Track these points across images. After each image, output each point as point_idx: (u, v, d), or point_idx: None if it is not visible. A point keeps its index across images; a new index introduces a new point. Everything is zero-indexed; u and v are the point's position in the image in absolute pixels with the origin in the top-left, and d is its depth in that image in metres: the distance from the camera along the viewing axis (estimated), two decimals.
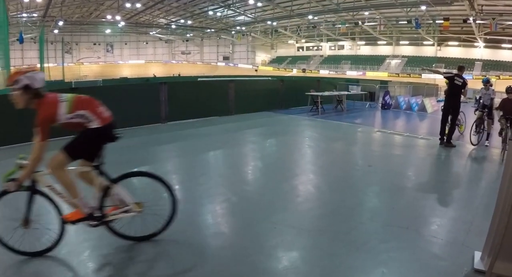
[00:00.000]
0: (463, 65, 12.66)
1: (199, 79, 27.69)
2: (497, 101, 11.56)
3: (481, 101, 11.75)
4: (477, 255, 4.22)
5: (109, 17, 63.72)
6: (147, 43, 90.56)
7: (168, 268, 3.95)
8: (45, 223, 4.29)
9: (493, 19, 44.74)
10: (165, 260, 4.08)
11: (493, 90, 11.96)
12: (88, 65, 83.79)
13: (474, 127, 11.35)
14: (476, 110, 11.80)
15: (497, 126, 10.64)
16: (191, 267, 3.98)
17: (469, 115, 13.70)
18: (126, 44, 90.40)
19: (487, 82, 12.06)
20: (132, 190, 4.56)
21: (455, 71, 11.72)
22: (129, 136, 10.82)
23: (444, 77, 11.99)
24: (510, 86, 10.36)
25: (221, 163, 8.75)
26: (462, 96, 11.65)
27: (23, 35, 46.96)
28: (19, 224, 4.01)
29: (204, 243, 4.48)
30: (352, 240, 4.62)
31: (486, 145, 11.01)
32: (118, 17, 62.36)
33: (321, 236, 4.73)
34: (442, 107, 11.84)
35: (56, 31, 68.26)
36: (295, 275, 3.90)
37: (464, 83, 11.25)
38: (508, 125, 9.70)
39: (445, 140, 11.03)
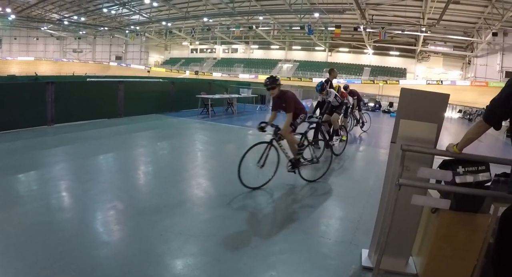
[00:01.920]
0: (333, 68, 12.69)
1: (88, 79, 26.65)
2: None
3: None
4: (365, 252, 4.35)
5: None
6: (37, 39, 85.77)
7: None
8: None
9: (383, 28, 47.58)
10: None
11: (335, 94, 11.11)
12: None
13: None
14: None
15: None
16: None
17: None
18: (15, 39, 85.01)
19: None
20: None
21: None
22: (11, 139, 10.18)
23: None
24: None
25: (109, 167, 8.38)
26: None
27: None
28: None
29: (88, 254, 4.20)
30: (239, 244, 4.59)
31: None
32: (8, 9, 58.41)
33: (208, 241, 4.62)
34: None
35: None
36: None
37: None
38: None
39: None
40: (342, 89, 13.82)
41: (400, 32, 48.46)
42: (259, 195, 6.53)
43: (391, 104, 32.36)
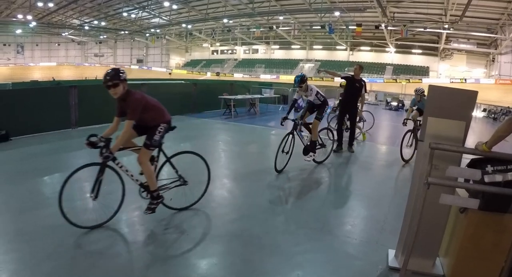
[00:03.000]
0: (361, 65, 11.60)
1: None
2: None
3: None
4: (391, 253, 4.29)
5: (20, 16, 60.63)
6: (59, 44, 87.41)
7: None
8: None
9: (404, 25, 47.05)
10: None
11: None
12: None
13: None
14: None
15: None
16: None
17: (380, 118, 14.05)
18: (37, 45, 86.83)
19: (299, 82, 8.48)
20: None
21: (352, 73, 10.95)
22: (37, 142, 10.35)
23: (342, 78, 11.32)
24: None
25: (131, 168, 8.44)
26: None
27: None
28: None
29: (113, 253, 4.25)
30: (266, 244, 4.57)
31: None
32: (29, 17, 59.51)
33: (234, 241, 4.63)
34: (338, 112, 11.59)
35: None
36: None
37: (361, 85, 10.79)
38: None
39: (343, 146, 10.67)
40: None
41: (422, 29, 47.95)
42: (283, 195, 6.53)
43: None
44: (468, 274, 3.76)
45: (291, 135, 7.96)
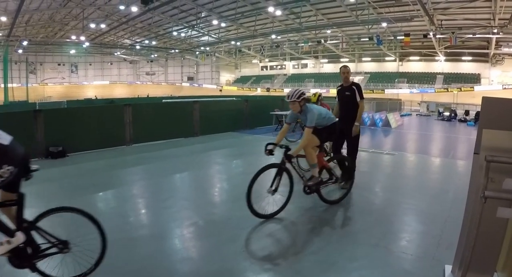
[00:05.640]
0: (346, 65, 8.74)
1: (163, 100, 27.54)
2: None
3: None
4: (448, 268, 4.21)
5: (73, 37, 63.51)
6: (111, 63, 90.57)
7: None
8: None
9: (453, 33, 45.99)
10: None
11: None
12: (52, 85, 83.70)
13: None
14: None
15: None
16: None
17: (432, 129, 13.77)
18: (90, 64, 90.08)
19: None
20: None
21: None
22: (93, 159, 10.74)
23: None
24: None
25: (187, 185, 8.60)
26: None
27: None
28: None
29: (172, 268, 4.35)
30: (321, 260, 4.56)
31: None
32: (82, 38, 62.01)
33: (292, 257, 4.66)
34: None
35: (20, 51, 68.06)
36: None
37: (353, 92, 8.12)
38: None
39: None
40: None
41: (471, 35, 46.59)
42: (336, 211, 6.50)
43: (467, 113, 31.06)
44: None
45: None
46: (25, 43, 60.60)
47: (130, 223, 5.70)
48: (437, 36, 49.38)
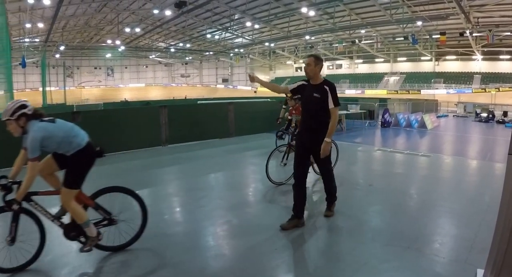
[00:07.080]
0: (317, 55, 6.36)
1: (198, 102, 27.83)
2: None
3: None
4: (480, 272, 4.17)
5: (109, 41, 64.78)
6: (147, 66, 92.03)
7: None
8: None
9: (490, 31, 44.89)
10: None
11: None
12: (89, 88, 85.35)
13: None
14: None
15: None
16: None
17: (470, 131, 13.54)
18: (126, 67, 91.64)
19: None
20: None
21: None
22: (130, 159, 10.98)
23: (288, 96, 8.60)
24: None
25: (222, 185, 8.71)
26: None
27: (25, 59, 47.26)
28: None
29: (205, 265, 4.48)
30: (352, 260, 4.59)
31: None
32: (118, 42, 63.17)
33: (323, 257, 4.73)
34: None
35: (57, 55, 69.50)
36: None
37: (326, 94, 5.79)
38: None
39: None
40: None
41: (509, 33, 45.49)
42: (369, 212, 6.50)
43: (505, 114, 30.15)
44: None
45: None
46: (62, 48, 62.37)
47: (165, 220, 5.88)
48: (474, 34, 48.21)
